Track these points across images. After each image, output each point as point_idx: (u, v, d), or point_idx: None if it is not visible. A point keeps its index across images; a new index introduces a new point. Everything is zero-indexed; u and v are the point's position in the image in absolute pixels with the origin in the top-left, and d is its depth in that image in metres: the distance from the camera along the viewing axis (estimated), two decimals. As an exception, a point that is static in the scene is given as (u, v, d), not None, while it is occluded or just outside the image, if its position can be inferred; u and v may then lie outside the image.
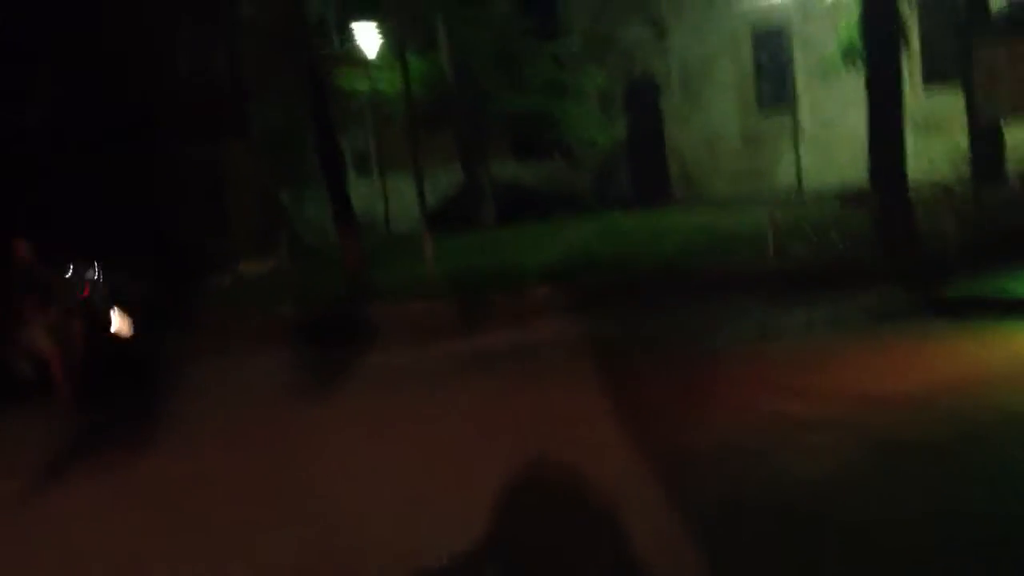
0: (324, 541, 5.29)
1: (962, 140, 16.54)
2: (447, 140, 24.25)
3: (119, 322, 10.49)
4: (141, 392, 10.59)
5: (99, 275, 10.79)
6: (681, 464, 5.87)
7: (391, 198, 24.62)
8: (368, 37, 22.30)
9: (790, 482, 5.32)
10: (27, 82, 19.02)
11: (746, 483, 5.38)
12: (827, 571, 4.24)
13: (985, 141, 14.60)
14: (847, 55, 19.56)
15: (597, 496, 5.38)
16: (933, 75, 22.37)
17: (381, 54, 24.15)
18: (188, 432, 8.29)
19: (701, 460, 5.89)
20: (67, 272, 10.49)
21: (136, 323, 10.77)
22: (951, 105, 20.23)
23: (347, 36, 23.33)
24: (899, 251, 12.01)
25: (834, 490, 5.16)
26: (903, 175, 12.75)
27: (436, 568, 4.74)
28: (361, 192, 21.22)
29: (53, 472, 7.30)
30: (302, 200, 21.88)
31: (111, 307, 10.58)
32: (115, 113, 18.91)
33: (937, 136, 22.13)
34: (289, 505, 5.98)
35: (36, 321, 9.97)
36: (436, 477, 6.22)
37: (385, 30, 21.99)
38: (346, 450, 7.17)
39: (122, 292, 11.13)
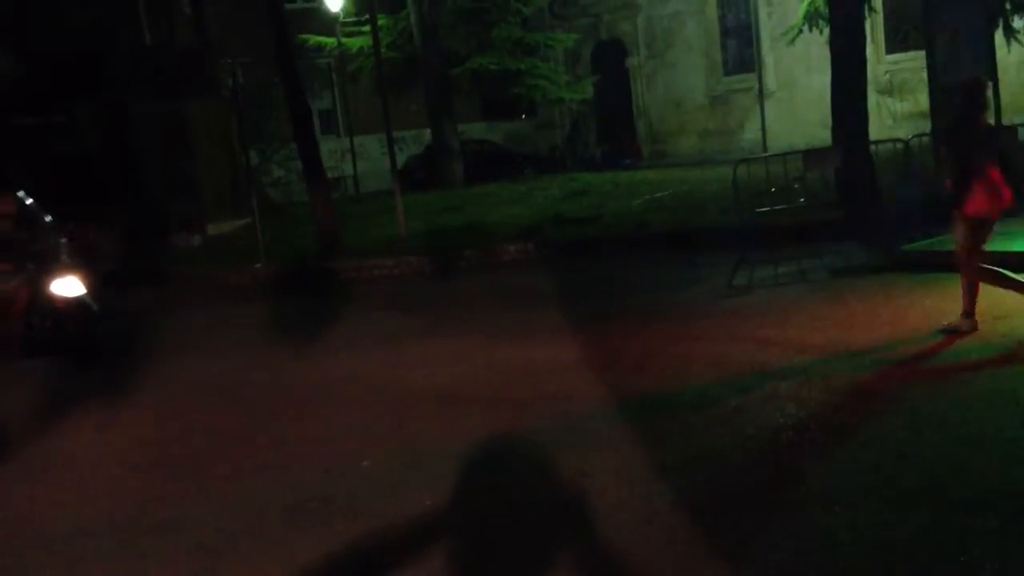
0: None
1: (923, 101, 16.84)
2: (415, 101, 24.29)
3: (66, 282, 9.36)
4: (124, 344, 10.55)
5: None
6: (658, 412, 6.11)
7: (358, 158, 24.68)
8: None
9: (761, 427, 5.56)
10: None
11: (721, 430, 5.62)
12: (797, 517, 4.47)
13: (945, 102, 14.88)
14: (811, 17, 19.72)
15: (571, 447, 5.54)
16: (896, 39, 22.70)
17: (346, 11, 24.12)
18: (180, 381, 8.43)
19: (678, 407, 6.13)
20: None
21: (92, 278, 9.79)
22: (913, 67, 20.58)
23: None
24: (860, 207, 12.32)
25: (801, 437, 5.39)
26: (865, 134, 13.06)
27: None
28: (327, 151, 21.21)
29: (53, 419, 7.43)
30: (269, 159, 21.86)
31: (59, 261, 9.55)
32: (79, 70, 18.77)
33: (898, 97, 22.53)
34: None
35: None
36: (419, 424, 6.42)
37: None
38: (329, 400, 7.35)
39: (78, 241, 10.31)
